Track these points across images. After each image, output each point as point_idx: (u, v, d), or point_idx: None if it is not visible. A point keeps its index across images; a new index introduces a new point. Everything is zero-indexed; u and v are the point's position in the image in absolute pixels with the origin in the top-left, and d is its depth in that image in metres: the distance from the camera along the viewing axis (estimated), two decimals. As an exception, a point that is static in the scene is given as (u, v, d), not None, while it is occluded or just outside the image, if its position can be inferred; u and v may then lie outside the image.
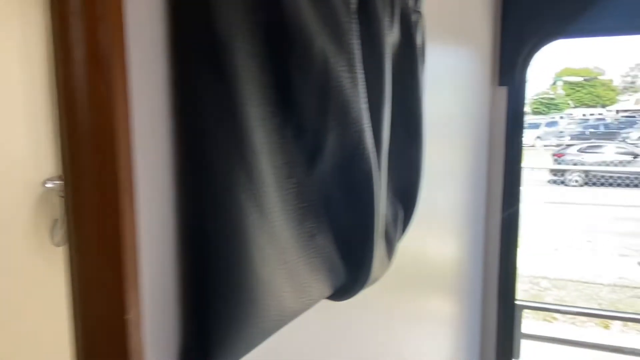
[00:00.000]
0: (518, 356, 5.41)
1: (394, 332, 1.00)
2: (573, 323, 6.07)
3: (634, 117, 33.85)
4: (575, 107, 44.47)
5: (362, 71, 0.46)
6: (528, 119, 34.66)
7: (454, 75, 1.21)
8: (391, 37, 0.55)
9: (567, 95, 47.91)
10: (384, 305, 0.93)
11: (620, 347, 5.56)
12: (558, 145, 28.35)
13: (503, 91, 1.58)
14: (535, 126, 31.94)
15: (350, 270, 0.50)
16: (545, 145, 28.90)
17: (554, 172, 16.25)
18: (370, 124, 0.48)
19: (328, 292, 0.49)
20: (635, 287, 7.34)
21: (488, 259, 1.64)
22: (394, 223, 0.60)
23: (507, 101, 1.57)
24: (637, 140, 27.93)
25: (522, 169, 1.63)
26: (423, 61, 0.68)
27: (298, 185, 0.44)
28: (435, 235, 1.20)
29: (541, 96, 48.03)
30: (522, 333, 5.52)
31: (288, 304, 0.43)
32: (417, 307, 1.13)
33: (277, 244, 0.41)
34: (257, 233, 0.40)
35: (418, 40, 0.64)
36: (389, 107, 0.53)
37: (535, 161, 20.61)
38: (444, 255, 1.30)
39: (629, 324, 5.93)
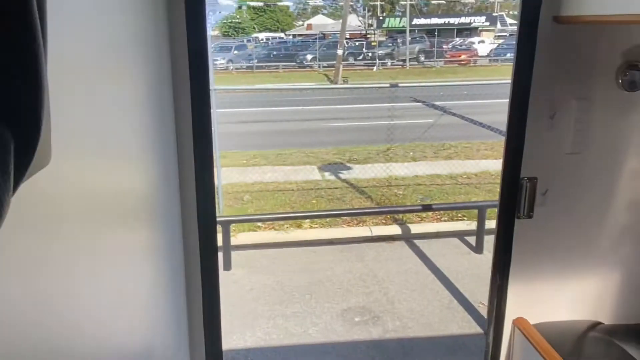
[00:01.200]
0: (230, 267, 5.87)
1: (80, 277, 0.88)
2: (273, 228, 6.82)
3: (307, 41, 38.37)
4: (260, 31, 47.75)
5: None
6: (220, 43, 35.55)
7: None
8: None
9: (252, 19, 50.88)
10: (60, 253, 0.80)
11: (311, 240, 6.58)
12: (248, 68, 30.18)
13: (181, 5, 1.48)
14: (228, 49, 33.14)
15: None
16: (237, 69, 30.36)
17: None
18: None
19: None
20: (318, 189, 8.63)
21: (184, 181, 1.62)
22: None
23: (186, 15, 1.48)
24: (311, 61, 31.95)
25: (210, 89, 1.60)
26: None
27: None
28: (118, 167, 1.09)
29: (229, 20, 49.81)
30: (231, 246, 5.98)
31: None
32: (108, 243, 1.03)
33: None
34: None
35: None
36: None
37: (228, 82, 21.59)
38: (132, 185, 1.20)
39: (316, 220, 6.98)
